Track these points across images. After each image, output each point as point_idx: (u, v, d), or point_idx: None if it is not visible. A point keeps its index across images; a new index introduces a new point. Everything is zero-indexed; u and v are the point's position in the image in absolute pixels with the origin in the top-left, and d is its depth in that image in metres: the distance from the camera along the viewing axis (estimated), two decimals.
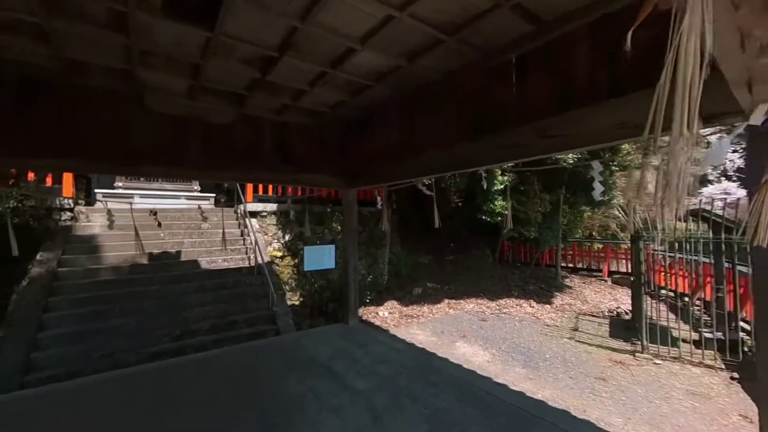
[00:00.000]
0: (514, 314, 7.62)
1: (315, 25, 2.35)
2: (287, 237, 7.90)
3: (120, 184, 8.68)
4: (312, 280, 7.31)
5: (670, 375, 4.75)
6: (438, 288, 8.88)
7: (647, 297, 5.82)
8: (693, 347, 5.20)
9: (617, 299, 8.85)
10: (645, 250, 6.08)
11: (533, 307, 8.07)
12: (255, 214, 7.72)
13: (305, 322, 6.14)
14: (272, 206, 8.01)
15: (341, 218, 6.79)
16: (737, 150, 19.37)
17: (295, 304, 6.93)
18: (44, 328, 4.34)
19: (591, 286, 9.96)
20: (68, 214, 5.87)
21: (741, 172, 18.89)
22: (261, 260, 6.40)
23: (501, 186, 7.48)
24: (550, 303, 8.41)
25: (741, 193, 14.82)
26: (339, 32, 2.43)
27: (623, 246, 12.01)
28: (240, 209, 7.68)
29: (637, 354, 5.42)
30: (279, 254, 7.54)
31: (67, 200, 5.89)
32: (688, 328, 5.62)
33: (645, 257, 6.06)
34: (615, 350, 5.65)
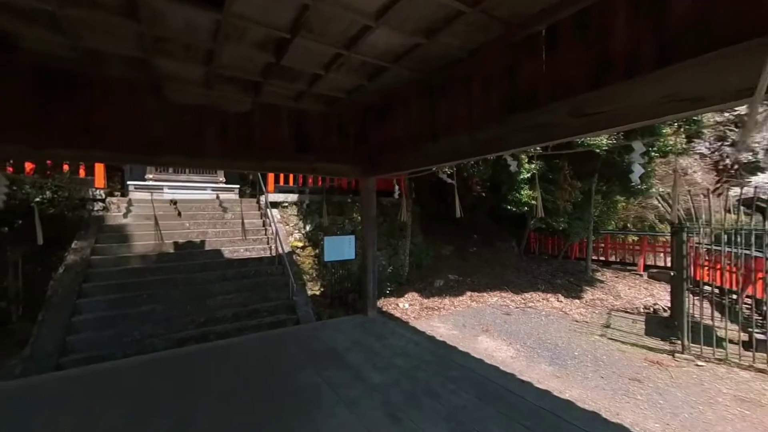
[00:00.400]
0: (541, 308, 7.31)
1: (326, 2, 2.22)
2: (308, 227, 7.93)
3: (150, 176, 8.99)
4: (332, 271, 7.31)
5: (715, 378, 4.36)
6: (460, 280, 8.67)
7: (689, 293, 5.38)
8: (741, 349, 4.76)
9: (654, 295, 8.30)
10: (688, 243, 5.60)
11: (561, 302, 7.71)
12: (276, 205, 7.78)
13: (325, 312, 6.14)
14: (293, 197, 8.05)
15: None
16: None
17: (316, 294, 6.97)
18: (78, 313, 4.56)
19: (624, 281, 9.42)
20: (100, 205, 6.12)
21: None
22: (281, 250, 6.44)
23: (528, 174, 7.11)
24: (580, 298, 8.01)
25: None
26: (351, 7, 2.28)
27: (661, 238, 11.27)
28: (262, 200, 7.76)
29: (677, 354, 5.03)
30: (300, 244, 7.59)
31: (99, 191, 6.14)
32: (736, 328, 5.15)
33: (688, 250, 5.58)
34: (651, 349, 5.28)
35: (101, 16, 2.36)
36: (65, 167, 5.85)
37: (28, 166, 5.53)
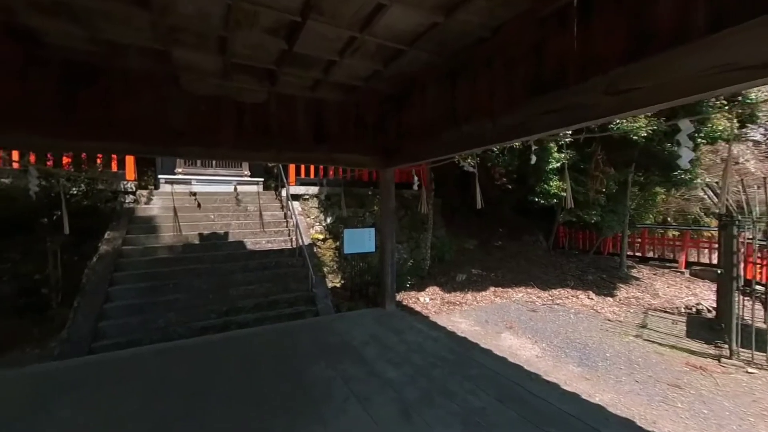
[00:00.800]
0: (569, 306, 6.95)
1: None
2: (329, 220, 7.94)
3: (180, 170, 9.31)
4: (353, 263, 7.28)
5: None
6: (484, 275, 8.41)
7: (738, 293, 4.89)
8: None
9: (696, 294, 7.68)
10: (738, 238, 5.08)
11: (592, 299, 7.30)
12: (298, 197, 7.83)
13: (345, 305, 6.13)
14: (314, 189, 8.07)
15: None
16: None
17: (336, 287, 6.98)
18: (110, 300, 4.77)
19: (663, 278, 8.78)
20: (131, 197, 6.38)
21: None
22: (301, 242, 6.47)
23: (557, 164, 6.72)
24: (613, 295, 7.55)
25: None
26: None
27: (706, 233, 10.41)
28: (284, 193, 7.84)
29: (724, 359, 4.60)
30: (321, 237, 7.61)
31: (130, 184, 6.40)
32: None
33: (738, 246, 5.07)
34: (694, 353, 4.87)
35: (114, 6, 2.37)
36: (98, 160, 6.13)
37: (65, 161, 5.84)
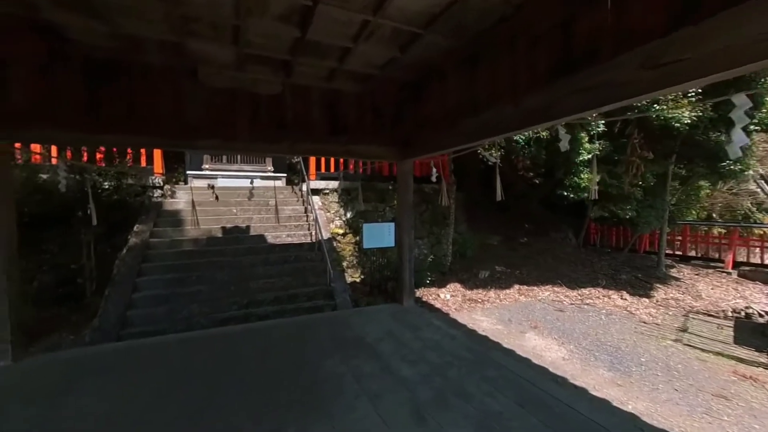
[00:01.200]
0: (600, 306, 6.56)
1: None
2: (349, 214, 7.90)
3: (206, 166, 9.58)
4: (372, 258, 7.21)
5: None
6: (508, 272, 8.11)
7: None
8: None
9: (746, 297, 7.04)
10: None
11: (625, 300, 6.85)
12: (318, 192, 7.84)
13: (363, 300, 6.07)
14: (334, 184, 8.06)
15: None
16: None
17: (356, 282, 6.94)
18: (138, 290, 4.96)
19: (707, 279, 8.13)
20: (159, 191, 6.61)
21: None
22: (321, 237, 6.47)
23: (588, 155, 6.32)
24: (649, 296, 7.05)
25: None
26: None
27: (758, 231, 9.54)
28: (304, 187, 7.88)
29: None
30: (341, 231, 7.59)
31: (158, 178, 6.63)
32: None
33: None
34: (742, 361, 4.43)
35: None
36: (128, 155, 6.38)
37: (98, 156, 6.12)
